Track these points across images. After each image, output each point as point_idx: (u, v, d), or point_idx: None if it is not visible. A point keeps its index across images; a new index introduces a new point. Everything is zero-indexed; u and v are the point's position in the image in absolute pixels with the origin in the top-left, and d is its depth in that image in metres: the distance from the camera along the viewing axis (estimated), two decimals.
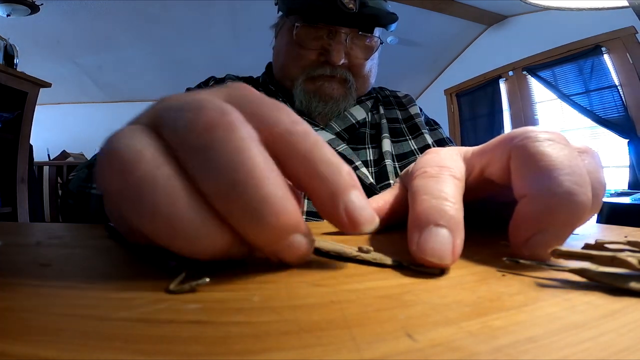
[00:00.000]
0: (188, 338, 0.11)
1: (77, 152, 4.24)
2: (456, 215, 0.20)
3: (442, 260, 0.18)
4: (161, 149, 0.17)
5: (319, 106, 0.70)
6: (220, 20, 3.43)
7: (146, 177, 0.16)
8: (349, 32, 0.68)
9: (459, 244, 0.19)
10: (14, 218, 2.16)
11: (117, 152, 0.16)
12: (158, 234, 0.16)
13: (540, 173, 0.20)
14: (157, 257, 0.19)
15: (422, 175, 0.23)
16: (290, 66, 0.72)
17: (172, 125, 0.17)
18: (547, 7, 0.97)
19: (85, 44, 3.54)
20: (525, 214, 0.21)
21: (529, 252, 0.20)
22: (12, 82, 2.08)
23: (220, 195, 0.16)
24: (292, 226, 0.17)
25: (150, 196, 0.15)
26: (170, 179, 0.16)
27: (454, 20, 3.68)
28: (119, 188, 0.16)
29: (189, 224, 0.16)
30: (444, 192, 0.21)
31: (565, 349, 0.11)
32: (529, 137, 0.22)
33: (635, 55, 2.85)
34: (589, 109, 3.13)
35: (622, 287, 0.16)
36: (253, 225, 0.16)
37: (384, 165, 0.67)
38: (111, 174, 0.16)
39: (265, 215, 0.16)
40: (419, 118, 0.79)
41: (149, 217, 0.16)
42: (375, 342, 0.11)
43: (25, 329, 0.11)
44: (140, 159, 0.16)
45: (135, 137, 0.17)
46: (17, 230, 0.33)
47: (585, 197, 0.20)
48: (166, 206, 0.15)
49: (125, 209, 0.16)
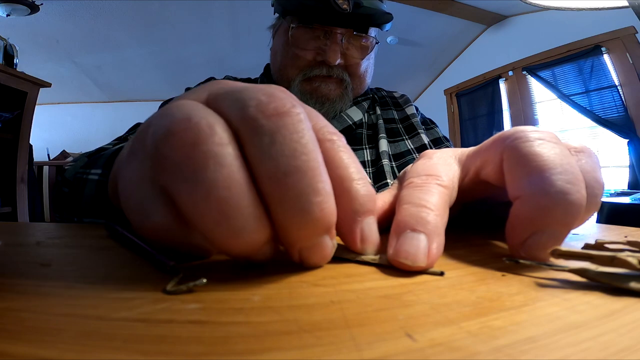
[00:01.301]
0: (188, 338, 0.11)
1: (77, 152, 4.24)
2: (433, 221, 0.20)
3: (415, 262, 0.19)
4: (226, 127, 0.17)
5: (316, 107, 0.70)
6: (220, 20, 3.43)
7: (213, 153, 0.16)
8: (344, 32, 0.68)
9: (435, 247, 0.19)
10: (14, 218, 2.16)
11: (190, 121, 0.16)
12: (204, 217, 0.16)
13: (533, 174, 0.20)
14: (156, 257, 0.19)
15: (409, 186, 0.24)
16: (287, 67, 0.73)
17: (240, 105, 0.17)
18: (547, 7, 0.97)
19: (84, 44, 3.54)
20: (520, 216, 0.21)
21: (527, 253, 0.20)
22: (11, 82, 2.08)
23: (277, 179, 0.16)
24: (328, 224, 0.17)
25: (212, 173, 0.15)
26: (234, 160, 0.16)
27: (453, 20, 3.69)
28: (181, 157, 0.16)
29: (239, 213, 0.16)
30: (424, 200, 0.22)
31: (565, 349, 0.11)
32: (519, 138, 0.22)
33: (635, 55, 2.85)
34: (588, 109, 3.13)
35: (622, 287, 0.16)
36: (298, 216, 0.16)
37: (381, 165, 0.68)
38: (180, 140, 0.16)
39: (312, 206, 0.16)
40: (415, 118, 0.79)
41: (202, 194, 0.15)
42: (375, 342, 0.11)
43: (25, 329, 0.11)
44: (212, 133, 0.16)
45: (204, 110, 0.17)
46: (17, 230, 0.33)
47: (580, 195, 0.20)
48: (224, 189, 0.15)
49: (175, 182, 0.16)
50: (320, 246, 0.18)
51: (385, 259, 0.20)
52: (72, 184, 0.48)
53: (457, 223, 0.30)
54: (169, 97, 0.64)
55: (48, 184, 3.70)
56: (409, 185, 0.24)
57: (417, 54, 4.23)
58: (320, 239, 0.18)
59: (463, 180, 0.26)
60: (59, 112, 4.60)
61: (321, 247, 0.18)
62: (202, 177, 0.15)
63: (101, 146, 0.59)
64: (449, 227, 0.22)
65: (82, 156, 0.54)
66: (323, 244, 0.18)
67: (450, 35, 4.00)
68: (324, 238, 0.18)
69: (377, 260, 0.20)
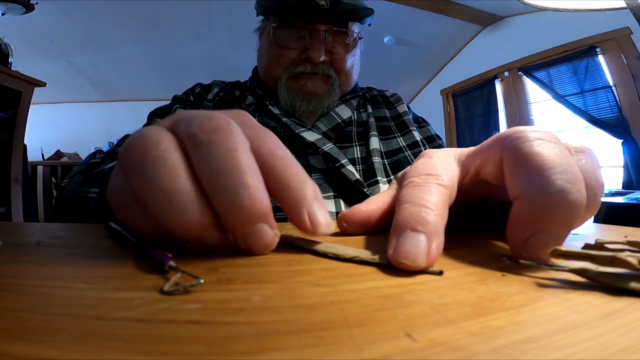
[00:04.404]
0: (188, 338, 0.11)
1: (72, 151, 4.22)
2: (433, 220, 0.21)
3: (415, 262, 0.19)
4: (175, 141, 0.21)
5: (303, 105, 0.71)
6: (217, 20, 3.42)
7: (159, 156, 0.20)
8: (326, 28, 0.69)
9: (435, 247, 0.20)
10: (8, 218, 2.15)
11: (144, 136, 0.21)
12: (154, 202, 0.20)
13: (532, 173, 0.21)
14: (155, 257, 0.19)
15: (409, 185, 0.24)
16: (272, 66, 0.74)
17: (185, 126, 0.22)
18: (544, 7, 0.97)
19: (80, 43, 3.53)
20: (520, 215, 0.21)
21: (528, 253, 0.20)
22: (6, 81, 2.07)
23: (212, 177, 0.20)
24: (261, 214, 0.20)
25: (158, 170, 0.20)
26: (176, 162, 0.20)
27: (450, 20, 3.70)
28: (137, 160, 0.20)
29: (180, 197, 0.20)
30: (424, 200, 0.22)
31: (565, 349, 0.11)
32: (519, 138, 0.22)
33: (629, 55, 2.87)
34: (583, 110, 3.14)
35: (622, 287, 0.16)
36: (231, 206, 0.20)
37: (372, 162, 0.68)
38: (136, 149, 0.21)
39: (241, 198, 0.20)
40: (407, 116, 0.80)
41: (152, 186, 0.20)
42: (375, 342, 0.11)
43: (25, 329, 0.11)
44: (159, 144, 0.21)
45: (158, 129, 0.22)
46: (16, 230, 0.33)
47: (579, 194, 0.20)
48: (167, 180, 0.20)
49: (134, 179, 0.21)
50: (258, 233, 0.21)
51: (385, 259, 0.20)
52: (73, 201, 0.52)
53: (457, 223, 0.30)
54: (164, 97, 0.66)
55: (42, 183, 3.68)
56: (409, 185, 0.24)
57: (413, 54, 4.24)
58: (256, 226, 0.20)
59: (463, 180, 0.26)
60: (53, 111, 4.58)
61: (259, 233, 0.21)
62: (151, 172, 0.20)
63: (92, 161, 0.61)
64: (449, 227, 0.22)
65: (76, 173, 0.58)
66: (261, 231, 0.21)
67: (446, 36, 4.01)
68: (260, 226, 0.21)
69: (376, 260, 0.20)
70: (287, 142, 0.60)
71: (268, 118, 0.70)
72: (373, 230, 0.30)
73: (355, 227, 0.30)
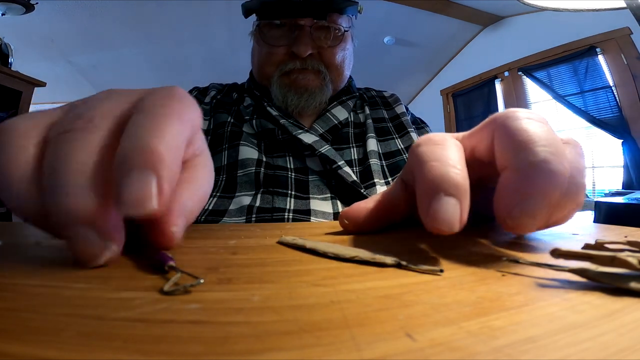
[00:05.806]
0: (188, 338, 0.11)
1: None
2: (463, 182, 0.21)
3: (452, 228, 0.20)
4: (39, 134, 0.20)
5: (294, 99, 0.71)
6: (217, 20, 3.42)
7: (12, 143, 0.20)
8: (309, 23, 0.69)
9: (465, 210, 0.21)
10: (8, 218, 2.15)
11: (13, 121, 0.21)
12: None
13: (519, 146, 0.22)
14: (155, 257, 0.19)
15: (427, 143, 0.25)
16: (263, 65, 0.74)
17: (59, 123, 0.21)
18: (544, 7, 0.97)
19: (80, 43, 3.53)
20: (506, 186, 0.22)
21: (513, 223, 0.21)
22: (6, 81, 2.07)
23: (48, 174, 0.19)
24: (82, 215, 0.18)
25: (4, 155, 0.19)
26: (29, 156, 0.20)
27: (450, 20, 3.70)
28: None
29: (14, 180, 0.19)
30: (452, 159, 0.23)
31: (565, 349, 0.11)
32: (509, 117, 0.24)
33: (629, 55, 2.87)
34: (583, 110, 3.14)
35: (622, 287, 0.16)
36: (52, 201, 0.18)
37: (369, 164, 0.68)
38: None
39: (64, 197, 0.18)
40: (405, 117, 0.79)
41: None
42: (375, 342, 0.11)
43: (25, 329, 0.11)
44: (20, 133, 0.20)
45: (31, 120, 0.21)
46: (16, 230, 0.33)
47: (562, 166, 0.21)
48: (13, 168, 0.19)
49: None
50: (78, 238, 0.18)
51: (385, 259, 0.20)
52: None
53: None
54: None
55: None
56: (428, 142, 0.25)
57: (413, 55, 4.24)
58: (76, 229, 0.18)
59: None
60: None
61: (80, 239, 0.18)
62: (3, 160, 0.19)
63: None
64: None
65: None
66: (81, 237, 0.18)
67: (446, 36, 4.02)
68: (83, 229, 0.18)
69: (376, 260, 0.20)
70: (284, 144, 0.60)
71: (266, 120, 0.70)
72: (374, 228, 0.30)
73: (357, 224, 0.30)
